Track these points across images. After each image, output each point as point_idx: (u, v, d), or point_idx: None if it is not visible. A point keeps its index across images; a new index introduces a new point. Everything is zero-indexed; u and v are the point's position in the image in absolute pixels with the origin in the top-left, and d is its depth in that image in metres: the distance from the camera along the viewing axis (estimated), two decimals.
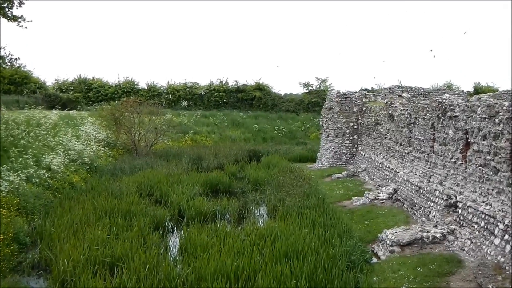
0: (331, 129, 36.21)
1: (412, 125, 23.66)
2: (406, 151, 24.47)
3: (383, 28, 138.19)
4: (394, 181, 25.03)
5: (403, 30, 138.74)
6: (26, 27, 24.77)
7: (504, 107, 14.69)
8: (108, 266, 15.04)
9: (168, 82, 66.09)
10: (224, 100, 64.27)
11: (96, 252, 15.47)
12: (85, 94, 62.69)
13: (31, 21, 25.17)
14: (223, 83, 65.92)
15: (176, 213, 22.81)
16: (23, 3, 24.54)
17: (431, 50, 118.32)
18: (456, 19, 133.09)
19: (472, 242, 15.50)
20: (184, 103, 63.35)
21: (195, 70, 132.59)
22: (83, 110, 53.07)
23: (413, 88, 39.51)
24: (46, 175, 23.98)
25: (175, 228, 21.52)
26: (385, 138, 28.58)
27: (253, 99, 64.54)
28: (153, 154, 39.18)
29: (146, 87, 64.86)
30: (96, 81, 64.94)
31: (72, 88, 62.94)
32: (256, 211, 24.18)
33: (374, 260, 16.30)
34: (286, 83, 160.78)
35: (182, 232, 19.13)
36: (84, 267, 14.40)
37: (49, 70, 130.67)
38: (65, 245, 16.10)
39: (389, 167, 26.66)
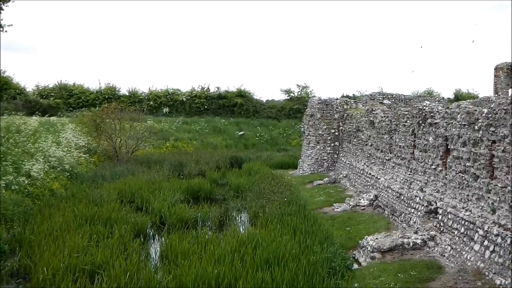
0: (313, 136, 36.29)
1: (393, 131, 23.79)
2: (387, 158, 24.58)
3: (365, 35, 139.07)
4: (375, 187, 25.12)
5: (384, 37, 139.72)
6: (6, 31, 24.45)
7: (484, 114, 14.82)
8: (88, 274, 14.84)
9: (149, 89, 65.85)
10: (206, 107, 64.10)
11: (76, 260, 15.27)
12: (66, 100, 62.06)
13: (11, 25, 24.86)
14: (205, 89, 65.78)
15: (157, 220, 22.66)
16: (2, 9, 24.21)
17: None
18: (437, 26, 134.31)
19: (452, 248, 15.58)
20: (166, 110, 63.09)
21: (176, 77, 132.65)
22: (64, 117, 52.60)
23: (394, 95, 39.77)
24: (26, 182, 23.67)
25: (156, 235, 21.39)
26: (366, 144, 28.70)
27: (234, 105, 64.47)
28: (134, 161, 38.95)
29: (127, 93, 64.51)
30: (77, 87, 64.39)
31: (53, 94, 62.32)
32: (237, 218, 24.11)
33: (355, 266, 16.31)
34: (268, 90, 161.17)
35: (163, 239, 19.00)
36: (64, 275, 14.20)
37: (29, 76, 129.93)
38: (44, 253, 15.88)
39: (370, 174, 26.76)
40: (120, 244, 17.35)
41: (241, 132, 57.11)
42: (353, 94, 63.72)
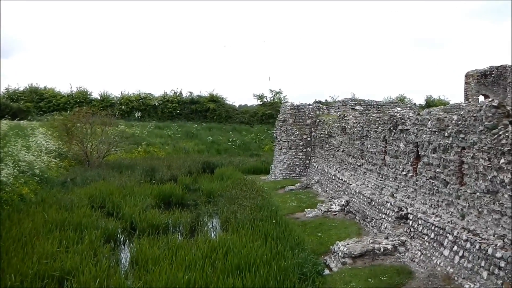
0: (285, 141, 36.34)
1: (364, 138, 23.93)
2: (359, 164, 24.71)
3: (338, 41, 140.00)
4: (346, 193, 25.22)
5: (357, 43, 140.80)
6: None
7: (453, 121, 14.97)
8: (57, 280, 14.58)
9: (121, 93, 65.51)
10: (178, 112, 63.91)
11: (45, 266, 15.01)
12: (37, 103, 61.40)
13: None
14: (177, 94, 65.63)
15: (128, 226, 22.46)
16: None
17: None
18: (409, 32, 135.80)
19: (422, 254, 15.69)
20: (138, 114, 62.72)
21: (149, 81, 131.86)
22: (34, 120, 51.97)
23: (366, 101, 40.05)
24: None
25: (126, 241, 21.17)
26: (338, 150, 28.83)
27: (207, 110, 64.38)
28: (105, 166, 38.52)
29: (99, 98, 64.02)
30: (48, 90, 63.73)
31: (23, 98, 61.59)
32: (209, 224, 23.99)
33: (326, 272, 16.32)
34: (241, 95, 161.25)
35: (134, 245, 18.81)
36: (32, 282, 13.94)
37: None
38: (13, 259, 15.54)
39: (341, 179, 26.87)
40: (90, 249, 17.12)
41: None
42: (326, 100, 64.10)
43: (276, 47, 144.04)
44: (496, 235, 12.34)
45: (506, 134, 12.01)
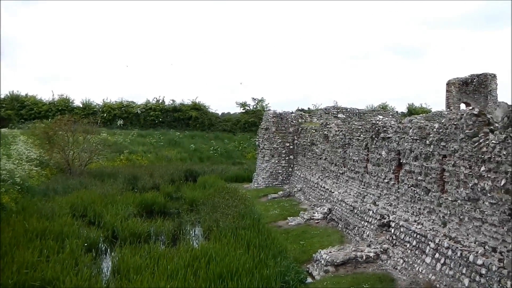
0: (267, 149, 36.35)
1: (346, 145, 24.00)
2: (341, 171, 24.77)
3: (319, 50, 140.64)
4: (329, 201, 25.25)
5: (339, 51, 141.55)
6: None
7: (435, 129, 15.07)
8: None
9: (103, 101, 65.09)
10: (161, 119, 63.62)
11: (26, 276, 14.83)
12: (18, 111, 60.79)
13: None
14: (160, 102, 65.37)
15: (110, 234, 22.30)
16: None
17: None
18: (390, 41, 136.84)
19: (404, 261, 15.74)
20: (120, 122, 62.39)
21: (131, 89, 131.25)
22: (15, 128, 51.52)
23: (348, 109, 40.23)
24: None
25: (108, 250, 21.01)
26: (320, 158, 28.88)
27: (189, 118, 64.18)
28: (87, 174, 38.21)
29: (81, 105, 63.62)
30: (30, 98, 63.15)
31: (4, 105, 60.97)
32: (191, 232, 23.89)
33: (309, 280, 16.30)
34: (224, 103, 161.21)
35: (116, 254, 18.67)
36: None
37: None
38: None
39: (324, 187, 26.90)
40: (71, 259, 16.96)
41: None
42: (308, 108, 64.14)
43: (259, 54, 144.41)
44: (477, 242, 12.41)
45: (487, 142, 12.11)
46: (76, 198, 27.75)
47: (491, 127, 12.61)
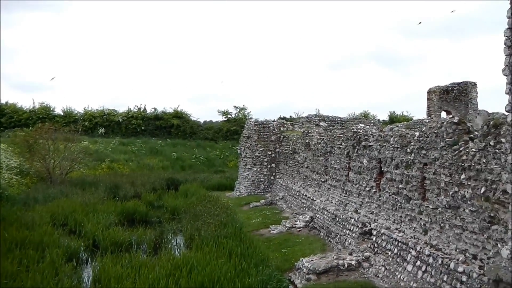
0: (249, 158, 36.37)
1: (328, 154, 24.06)
2: (323, 180, 24.82)
3: (301, 58, 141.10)
4: (311, 209, 25.28)
5: (321, 60, 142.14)
6: None
7: (415, 137, 15.17)
8: None
9: (85, 109, 64.72)
10: (142, 128, 63.38)
11: (5, 286, 14.67)
12: None
13: None
14: (141, 110, 65.14)
15: (91, 244, 22.12)
16: None
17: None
18: (372, 49, 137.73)
19: (386, 269, 15.78)
20: (102, 130, 62.02)
21: (112, 97, 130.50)
22: None
23: (330, 117, 40.36)
24: None
25: (89, 259, 20.83)
26: (302, 166, 28.93)
27: (171, 126, 64.02)
28: (68, 183, 37.86)
29: (62, 113, 63.17)
30: (10, 106, 62.49)
31: None
32: (172, 241, 23.75)
33: None
34: (206, 111, 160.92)
35: (96, 263, 18.51)
36: None
37: None
38: None
39: (306, 195, 26.94)
40: (52, 269, 16.76)
41: None
42: (290, 116, 64.25)
43: (240, 62, 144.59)
44: (457, 250, 12.48)
45: (467, 150, 12.20)
46: (57, 207, 27.49)
47: (471, 135, 12.74)
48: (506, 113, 9.67)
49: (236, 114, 65.80)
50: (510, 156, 9.40)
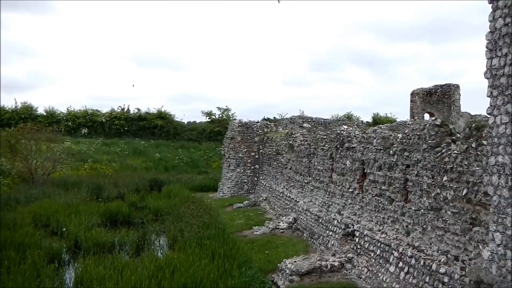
0: (233, 159, 36.34)
1: (311, 155, 24.10)
2: (306, 181, 24.86)
3: (286, 61, 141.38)
4: (294, 210, 25.31)
5: (304, 62, 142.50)
6: None
7: (398, 139, 15.23)
8: None
9: (67, 109, 64.27)
10: (126, 128, 63.07)
11: None
12: None
13: None
14: (125, 110, 64.82)
15: (73, 245, 21.97)
16: None
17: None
18: (353, 52, 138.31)
19: (368, 270, 15.83)
20: (84, 131, 61.60)
21: (96, 97, 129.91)
22: None
23: (313, 119, 40.43)
24: None
25: (71, 260, 20.69)
26: (285, 168, 28.95)
27: (155, 127, 63.80)
28: (50, 183, 37.59)
29: (44, 114, 62.70)
30: None
31: None
32: (155, 242, 23.65)
33: None
34: (190, 112, 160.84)
35: (79, 265, 18.38)
36: None
37: None
38: None
39: (289, 197, 26.96)
40: (33, 270, 16.64)
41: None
42: (274, 117, 64.25)
43: (224, 63, 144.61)
44: (439, 251, 12.56)
45: (449, 153, 12.28)
46: (39, 208, 27.30)
47: (453, 137, 12.82)
48: (488, 116, 9.74)
49: (220, 115, 65.69)
50: (491, 159, 9.48)
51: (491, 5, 9.61)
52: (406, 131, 14.90)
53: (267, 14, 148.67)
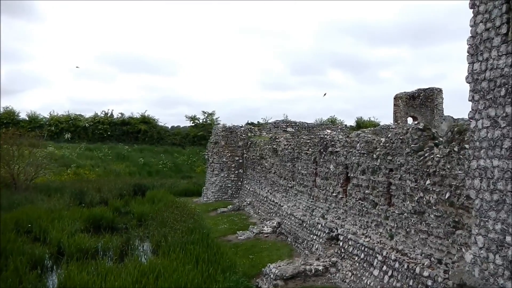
0: (217, 163, 36.30)
1: (295, 159, 24.13)
2: (290, 185, 24.88)
3: (270, 64, 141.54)
4: (278, 215, 25.32)
5: (287, 66, 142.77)
6: None
7: (381, 143, 15.30)
8: None
9: (50, 114, 63.78)
10: (109, 133, 62.67)
11: None
12: None
13: None
14: (108, 115, 64.45)
15: (56, 251, 21.81)
16: None
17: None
18: (335, 56, 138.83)
19: (353, 274, 15.86)
20: (68, 136, 61.17)
21: (78, 102, 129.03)
22: None
23: (297, 123, 40.58)
24: None
25: (54, 267, 20.53)
26: (269, 172, 28.96)
27: (138, 132, 63.50)
28: (33, 189, 37.31)
29: (27, 118, 62.16)
30: None
31: None
32: (139, 247, 23.53)
33: None
34: (173, 117, 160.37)
35: (62, 271, 18.24)
36: None
37: None
38: None
39: (273, 201, 26.97)
40: (15, 277, 16.52)
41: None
42: (258, 122, 64.26)
43: (208, 67, 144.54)
44: (423, 255, 12.62)
45: (431, 156, 12.35)
46: (22, 213, 27.08)
47: (436, 141, 12.91)
48: (470, 120, 9.83)
49: (204, 120, 65.59)
50: (473, 162, 9.56)
51: (472, 10, 9.71)
52: (389, 135, 14.97)
53: (248, 16, 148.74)
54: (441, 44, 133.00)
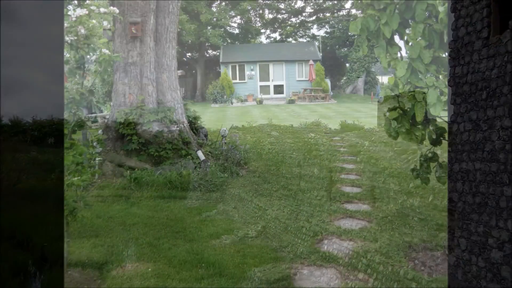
0: None
1: (280, 163, 24.12)
2: (274, 189, 24.84)
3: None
4: (262, 218, 25.22)
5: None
6: None
7: (365, 147, 15.37)
8: None
9: (33, 118, 63.19)
10: None
11: None
12: None
13: None
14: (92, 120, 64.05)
15: (39, 257, 21.57)
16: None
17: None
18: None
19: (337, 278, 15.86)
20: (51, 140, 60.63)
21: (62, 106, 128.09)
22: None
23: (281, 127, 40.57)
24: None
25: (37, 273, 20.29)
26: (254, 176, 28.88)
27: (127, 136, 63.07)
28: (16, 194, 36.95)
29: (9, 123, 61.54)
30: None
31: None
32: (124, 252, 23.36)
33: None
34: None
35: (46, 277, 18.04)
36: None
37: None
38: None
39: (258, 205, 26.86)
40: None
41: None
42: (243, 125, 64.09)
43: None
44: (407, 258, 12.66)
45: (415, 159, 12.42)
46: (4, 219, 26.80)
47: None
48: (452, 123, 9.90)
49: None
50: (455, 165, 9.63)
51: (453, 14, 9.78)
52: (373, 138, 15.05)
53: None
54: None
